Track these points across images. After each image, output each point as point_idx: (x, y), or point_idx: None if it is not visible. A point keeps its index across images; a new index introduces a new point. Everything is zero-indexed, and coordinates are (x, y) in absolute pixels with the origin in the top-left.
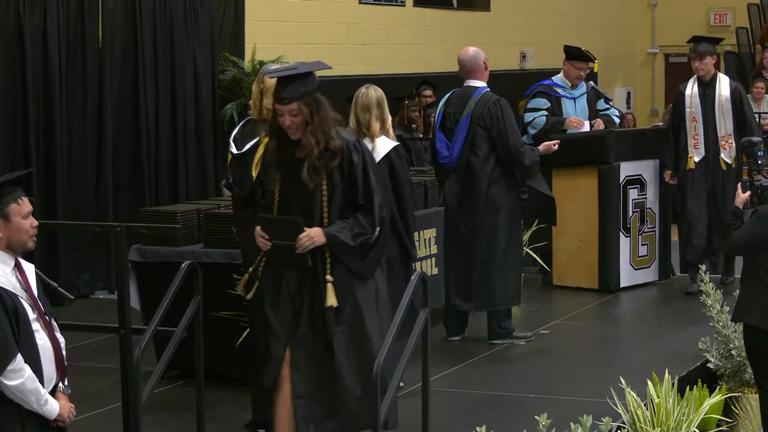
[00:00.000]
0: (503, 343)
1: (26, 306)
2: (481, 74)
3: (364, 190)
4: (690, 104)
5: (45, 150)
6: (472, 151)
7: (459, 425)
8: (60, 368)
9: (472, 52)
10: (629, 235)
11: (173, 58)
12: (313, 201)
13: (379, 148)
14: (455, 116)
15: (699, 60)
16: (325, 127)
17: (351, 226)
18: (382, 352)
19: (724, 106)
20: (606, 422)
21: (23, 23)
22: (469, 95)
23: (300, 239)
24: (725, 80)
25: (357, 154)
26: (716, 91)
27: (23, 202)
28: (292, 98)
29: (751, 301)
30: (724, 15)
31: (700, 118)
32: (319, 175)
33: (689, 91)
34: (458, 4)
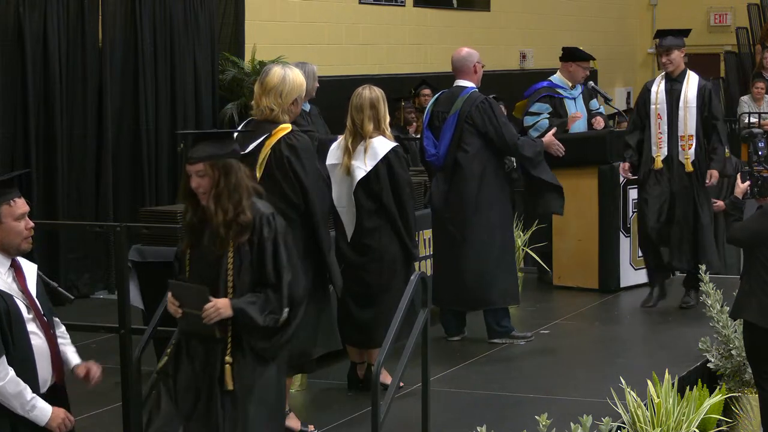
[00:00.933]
0: (503, 343)
1: (22, 306)
2: (470, 75)
3: (274, 267)
4: (655, 100)
5: (45, 150)
6: (460, 149)
7: (459, 425)
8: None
9: (463, 53)
10: (629, 235)
11: (173, 58)
12: (218, 271)
13: (377, 148)
14: (443, 115)
15: (665, 55)
16: (233, 195)
17: (262, 302)
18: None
19: (689, 104)
20: (606, 422)
21: (23, 23)
22: (457, 95)
23: (206, 309)
24: (695, 78)
25: (268, 229)
26: (683, 87)
27: (15, 203)
28: (198, 158)
29: (750, 297)
30: (724, 15)
31: (664, 116)
32: (224, 245)
33: (656, 87)
34: (458, 4)
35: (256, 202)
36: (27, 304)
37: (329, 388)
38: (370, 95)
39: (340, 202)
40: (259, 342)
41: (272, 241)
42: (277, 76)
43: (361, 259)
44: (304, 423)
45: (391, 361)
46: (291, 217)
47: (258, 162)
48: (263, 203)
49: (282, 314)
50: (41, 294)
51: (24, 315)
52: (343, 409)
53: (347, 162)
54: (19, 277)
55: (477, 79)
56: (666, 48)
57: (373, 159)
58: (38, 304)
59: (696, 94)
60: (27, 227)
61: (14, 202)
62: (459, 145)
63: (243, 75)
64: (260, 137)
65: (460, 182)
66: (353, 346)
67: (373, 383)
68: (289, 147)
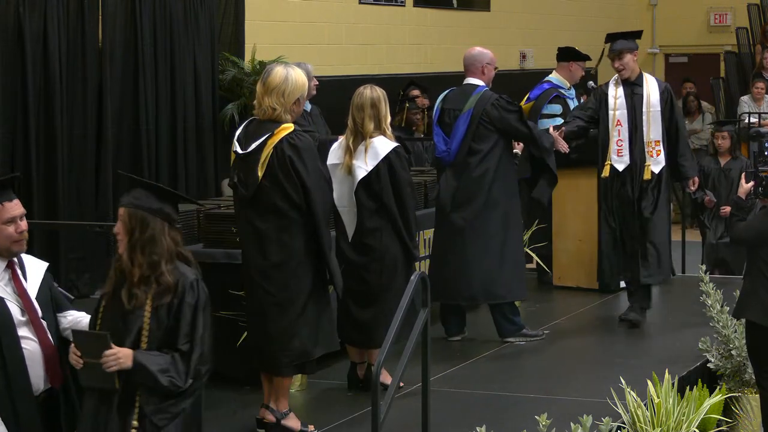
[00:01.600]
0: (517, 341)
1: (15, 309)
2: (479, 74)
3: (189, 336)
4: (614, 105)
5: (45, 150)
6: (473, 147)
7: (459, 425)
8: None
9: (474, 52)
10: None
11: (173, 58)
12: (130, 327)
13: (378, 148)
14: (454, 112)
15: (618, 59)
16: (149, 253)
17: (167, 363)
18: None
19: (652, 108)
20: (606, 422)
21: (23, 23)
22: (469, 93)
23: (105, 355)
24: (653, 80)
25: (192, 295)
26: (644, 91)
27: (4, 207)
28: (122, 203)
29: (752, 296)
30: (724, 15)
31: (625, 122)
32: (138, 301)
33: (613, 92)
34: (458, 4)
35: (181, 266)
36: (21, 307)
37: (329, 388)
38: (371, 95)
39: (341, 201)
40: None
41: (192, 308)
42: (279, 75)
43: (361, 259)
44: (304, 423)
45: (391, 361)
46: (292, 217)
47: (260, 161)
48: (187, 267)
49: (185, 383)
50: (44, 295)
51: (17, 318)
52: (343, 409)
53: (348, 161)
54: (15, 279)
55: (487, 79)
56: (618, 52)
57: (374, 159)
58: (36, 307)
59: (659, 98)
60: (18, 230)
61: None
62: (472, 142)
63: (243, 75)
64: (262, 137)
65: (470, 178)
66: (353, 346)
67: (373, 383)
68: (291, 146)
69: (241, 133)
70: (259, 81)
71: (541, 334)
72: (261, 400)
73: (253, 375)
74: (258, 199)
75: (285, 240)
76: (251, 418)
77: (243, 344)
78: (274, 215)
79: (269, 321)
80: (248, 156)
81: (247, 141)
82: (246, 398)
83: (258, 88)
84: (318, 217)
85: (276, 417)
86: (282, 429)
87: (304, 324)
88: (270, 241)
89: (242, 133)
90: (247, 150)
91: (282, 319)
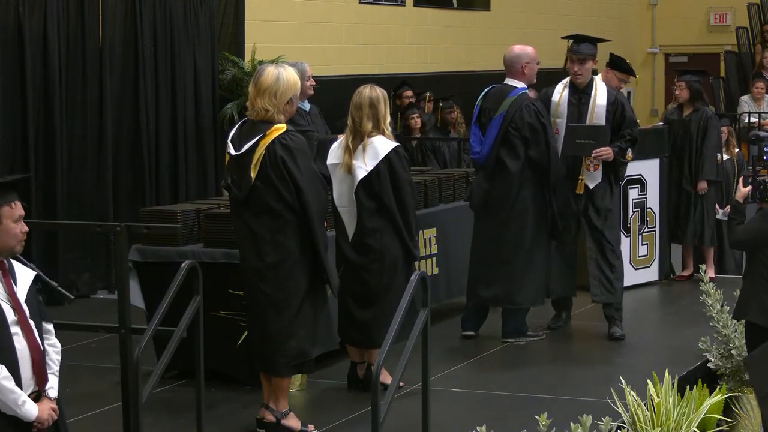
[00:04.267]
0: (516, 342)
1: (7, 309)
2: (519, 75)
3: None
4: (556, 112)
5: (45, 150)
6: (503, 149)
7: (459, 425)
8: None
9: (513, 53)
10: (629, 235)
11: (173, 58)
12: None
13: (378, 148)
14: (490, 113)
15: (579, 64)
16: None
17: None
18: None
19: (596, 121)
20: (606, 422)
21: (23, 23)
22: (506, 94)
23: None
24: (603, 88)
25: None
26: (592, 100)
27: (15, 206)
28: None
29: (752, 297)
30: (724, 15)
31: (562, 132)
32: None
33: (557, 98)
34: (458, 4)
35: None
36: (12, 307)
37: (329, 388)
38: (370, 94)
39: (341, 201)
40: None
41: None
42: (270, 76)
43: (361, 259)
44: (304, 423)
45: (391, 361)
46: (287, 218)
47: (252, 162)
48: None
49: None
50: (32, 300)
51: (8, 318)
52: (343, 409)
53: (348, 161)
54: (6, 280)
55: (527, 78)
56: (582, 57)
57: (374, 159)
58: (25, 309)
59: (607, 107)
60: (22, 230)
61: (14, 205)
62: (502, 145)
63: (243, 75)
64: (255, 137)
65: (500, 181)
66: (353, 346)
67: (373, 383)
68: (283, 147)
69: (235, 133)
70: (251, 82)
71: (541, 335)
72: (261, 400)
73: (253, 375)
74: (252, 200)
75: (280, 240)
76: (251, 418)
77: (243, 344)
78: (268, 216)
79: (266, 321)
80: (241, 157)
81: (241, 142)
82: (246, 398)
83: (250, 89)
84: (312, 217)
85: (276, 417)
86: (282, 429)
87: (300, 324)
88: (265, 241)
89: (236, 133)
90: (240, 151)
91: (279, 319)
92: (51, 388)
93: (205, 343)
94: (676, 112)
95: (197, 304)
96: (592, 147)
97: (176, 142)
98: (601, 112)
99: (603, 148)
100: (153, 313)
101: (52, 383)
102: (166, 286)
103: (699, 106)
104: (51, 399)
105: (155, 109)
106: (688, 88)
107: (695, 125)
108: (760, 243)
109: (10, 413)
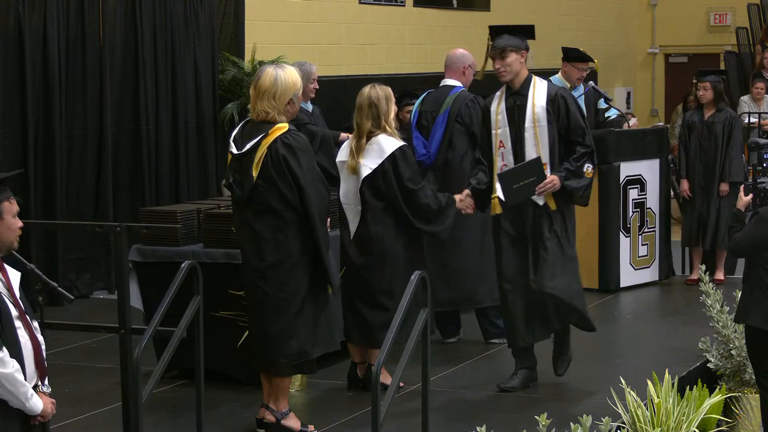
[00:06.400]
0: (501, 342)
1: (9, 304)
2: (459, 76)
3: None
4: (496, 123)
5: (44, 149)
6: (451, 148)
7: (459, 425)
8: (40, 368)
9: (458, 53)
10: (629, 235)
11: (173, 58)
12: None
13: (384, 146)
14: (431, 114)
15: (500, 59)
16: None
17: None
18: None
19: (538, 123)
20: (606, 422)
21: (23, 23)
22: (446, 94)
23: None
24: (542, 86)
25: None
26: (528, 102)
27: (13, 201)
28: None
29: (753, 302)
30: (724, 15)
31: (508, 143)
32: None
33: (495, 106)
34: (458, 4)
35: None
36: (12, 302)
37: (329, 388)
38: (370, 93)
39: (347, 199)
40: None
41: None
42: (268, 78)
43: (363, 259)
44: (304, 423)
45: (391, 361)
46: (288, 217)
47: (254, 161)
48: None
49: None
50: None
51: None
52: (343, 409)
53: (353, 163)
54: (4, 276)
55: (466, 81)
56: (500, 50)
57: (379, 157)
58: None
59: (546, 107)
60: (19, 225)
61: (12, 200)
62: (449, 143)
63: (243, 75)
64: (257, 137)
65: (450, 181)
66: (355, 345)
67: (373, 383)
68: (285, 146)
69: (237, 133)
70: (252, 84)
71: None
72: (261, 400)
73: (253, 375)
74: (253, 199)
75: (281, 240)
76: (251, 418)
77: (243, 344)
78: (269, 215)
79: (267, 321)
80: (243, 156)
81: (243, 141)
82: (246, 398)
83: (251, 91)
84: (313, 216)
85: (276, 417)
86: (282, 429)
87: (301, 324)
88: (266, 241)
89: (238, 133)
90: (242, 150)
91: (279, 319)
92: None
93: (205, 343)
94: (697, 114)
95: (197, 304)
96: (535, 184)
97: (176, 142)
98: (541, 114)
99: (546, 181)
100: (151, 313)
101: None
102: (166, 286)
103: (722, 106)
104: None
105: (155, 109)
106: (712, 88)
107: (720, 126)
108: (758, 247)
109: (17, 407)
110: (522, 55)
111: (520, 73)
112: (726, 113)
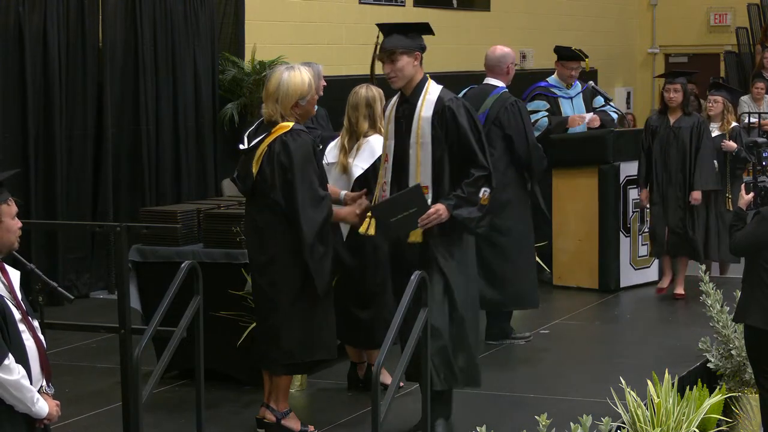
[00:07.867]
0: (500, 344)
1: (12, 307)
2: (503, 76)
3: None
4: (386, 134)
5: (44, 149)
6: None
7: (459, 425)
8: (45, 369)
9: (498, 53)
10: (629, 235)
11: (173, 58)
12: None
13: (374, 147)
14: None
15: (389, 63)
16: None
17: None
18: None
19: (422, 139)
20: (606, 422)
21: (23, 23)
22: (487, 93)
23: None
24: (434, 93)
25: None
26: (417, 112)
27: (11, 202)
28: None
29: (753, 302)
30: (724, 15)
31: (391, 157)
32: None
33: (388, 113)
34: (458, 4)
35: None
36: (15, 305)
37: (329, 388)
38: (366, 93)
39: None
40: None
41: None
42: (274, 81)
43: (357, 259)
44: (304, 423)
45: (391, 361)
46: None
47: (254, 157)
48: None
49: None
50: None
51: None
52: (343, 409)
53: (343, 161)
54: (6, 279)
55: (508, 79)
56: (389, 51)
57: (370, 157)
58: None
59: (431, 122)
60: (18, 226)
61: (10, 201)
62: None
63: (243, 75)
64: (262, 135)
65: None
66: (353, 346)
67: (373, 383)
68: (282, 143)
69: (252, 130)
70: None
71: (528, 336)
72: (261, 400)
73: (253, 375)
74: (256, 194)
75: (278, 236)
76: (251, 418)
77: (243, 344)
78: (268, 211)
79: (261, 317)
80: (248, 152)
81: (250, 139)
82: (246, 398)
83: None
84: (299, 211)
85: (276, 417)
86: (282, 429)
87: (291, 325)
88: (266, 236)
89: (252, 130)
90: (248, 146)
91: (270, 316)
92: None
93: (205, 343)
94: (661, 118)
95: (197, 304)
96: (416, 216)
97: (176, 142)
98: (426, 128)
99: (430, 212)
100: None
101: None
102: (165, 286)
103: (690, 110)
104: (50, 394)
105: (155, 109)
106: (683, 90)
107: (687, 132)
108: (760, 246)
109: (23, 411)
110: (416, 57)
111: (414, 77)
112: (694, 118)
